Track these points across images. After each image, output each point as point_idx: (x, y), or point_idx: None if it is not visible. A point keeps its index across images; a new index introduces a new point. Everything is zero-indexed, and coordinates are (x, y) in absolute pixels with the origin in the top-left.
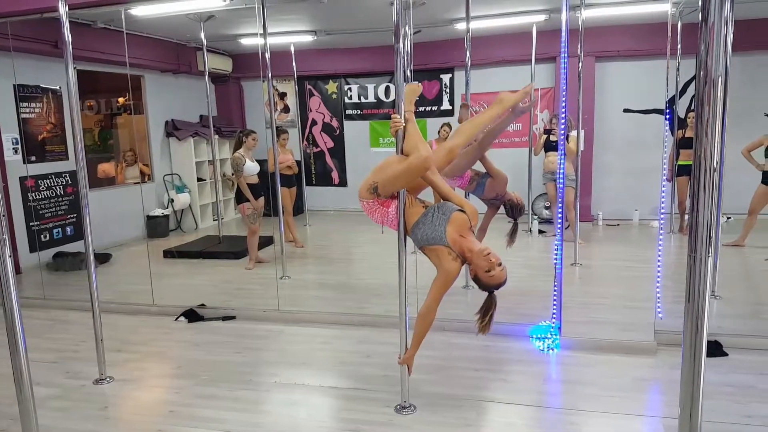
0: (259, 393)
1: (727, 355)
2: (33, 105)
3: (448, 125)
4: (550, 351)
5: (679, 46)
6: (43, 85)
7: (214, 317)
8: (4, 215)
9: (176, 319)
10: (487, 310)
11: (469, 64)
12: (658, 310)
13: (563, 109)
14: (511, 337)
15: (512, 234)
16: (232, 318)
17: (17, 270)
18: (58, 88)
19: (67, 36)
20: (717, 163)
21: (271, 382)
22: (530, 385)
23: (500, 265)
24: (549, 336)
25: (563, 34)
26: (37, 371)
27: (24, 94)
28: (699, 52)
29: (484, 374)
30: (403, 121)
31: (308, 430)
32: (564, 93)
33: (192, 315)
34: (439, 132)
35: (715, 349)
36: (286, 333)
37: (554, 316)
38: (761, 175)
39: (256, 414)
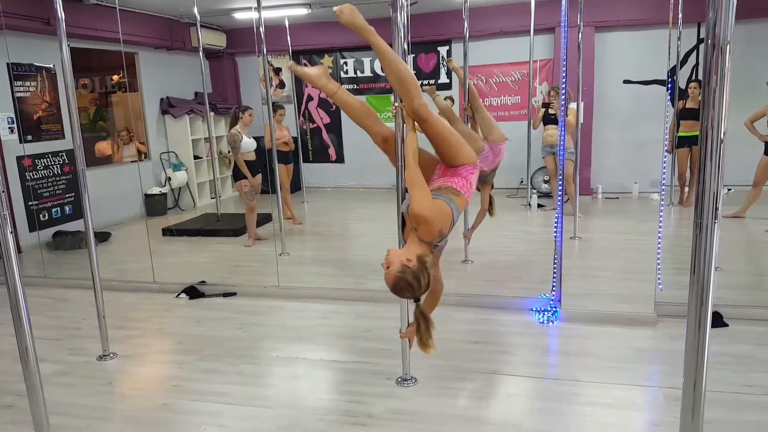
0: (261, 367)
1: (727, 325)
2: (27, 84)
3: (451, 98)
4: (550, 323)
5: (680, 15)
6: (37, 64)
7: (214, 294)
8: (3, 191)
9: (177, 296)
10: (418, 326)
11: (467, 35)
12: (659, 281)
13: (563, 81)
14: (510, 310)
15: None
16: (233, 294)
17: (18, 249)
18: (52, 66)
19: (61, 13)
20: (724, 133)
21: (272, 356)
22: (530, 357)
23: (389, 267)
24: (549, 308)
25: (563, 3)
26: (40, 348)
27: (18, 72)
28: (707, 19)
29: (485, 347)
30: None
31: (310, 402)
32: (564, 64)
33: (193, 292)
34: None
35: (716, 320)
36: (286, 308)
37: (554, 288)
38: (764, 146)
39: (259, 387)
